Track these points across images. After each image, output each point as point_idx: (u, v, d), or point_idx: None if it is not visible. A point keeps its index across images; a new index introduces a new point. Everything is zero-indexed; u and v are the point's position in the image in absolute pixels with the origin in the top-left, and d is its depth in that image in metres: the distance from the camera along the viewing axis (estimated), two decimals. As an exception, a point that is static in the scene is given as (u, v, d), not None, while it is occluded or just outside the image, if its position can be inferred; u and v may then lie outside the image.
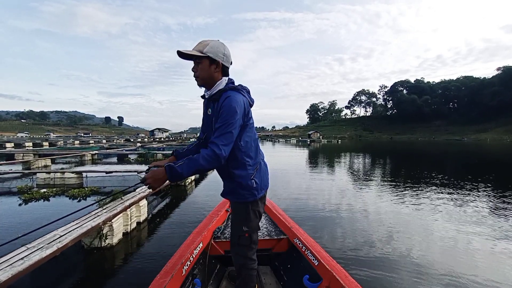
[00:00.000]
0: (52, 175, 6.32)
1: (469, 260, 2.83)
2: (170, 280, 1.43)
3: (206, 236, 2.05)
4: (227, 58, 1.30)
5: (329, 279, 1.51)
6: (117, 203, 3.32)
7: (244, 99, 1.30)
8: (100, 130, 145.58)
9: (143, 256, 2.87)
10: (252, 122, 1.37)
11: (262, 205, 1.46)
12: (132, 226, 3.43)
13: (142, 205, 3.70)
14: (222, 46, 1.28)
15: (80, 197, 5.31)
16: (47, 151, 14.24)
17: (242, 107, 1.24)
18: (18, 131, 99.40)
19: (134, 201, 3.49)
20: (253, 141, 1.38)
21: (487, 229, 3.74)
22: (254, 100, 1.40)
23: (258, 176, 1.40)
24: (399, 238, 3.38)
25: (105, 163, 12.52)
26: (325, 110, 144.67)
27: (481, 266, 2.71)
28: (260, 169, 1.42)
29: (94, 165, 11.74)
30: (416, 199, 5.49)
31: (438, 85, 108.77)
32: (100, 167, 10.50)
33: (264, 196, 1.48)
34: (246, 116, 1.30)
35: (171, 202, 5.25)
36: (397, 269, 2.60)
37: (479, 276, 2.51)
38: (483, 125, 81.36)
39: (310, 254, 1.77)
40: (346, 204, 5.08)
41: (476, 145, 39.20)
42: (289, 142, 50.47)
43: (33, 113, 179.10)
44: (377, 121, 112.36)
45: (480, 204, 5.13)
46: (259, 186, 1.39)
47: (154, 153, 13.36)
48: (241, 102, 1.24)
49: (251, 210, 1.40)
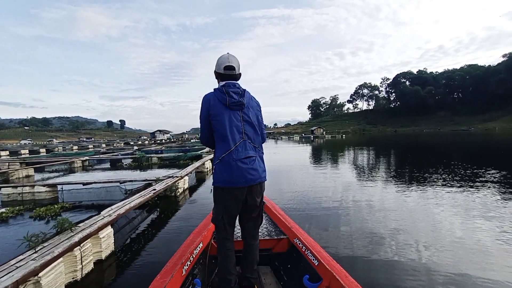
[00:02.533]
0: (19, 190, 5.43)
1: (477, 260, 2.64)
2: (170, 280, 1.43)
3: (206, 236, 2.06)
4: (218, 66, 1.58)
5: (329, 279, 1.51)
6: (62, 238, 2.34)
7: (207, 97, 1.56)
8: (102, 134, 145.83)
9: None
10: (217, 117, 1.50)
11: (229, 197, 1.50)
12: (84, 270, 2.43)
13: (104, 235, 2.72)
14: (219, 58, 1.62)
15: (48, 216, 4.42)
16: (36, 159, 13.43)
17: (203, 104, 1.55)
18: (21, 138, 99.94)
19: (90, 232, 2.48)
20: (218, 135, 1.51)
21: (498, 226, 3.46)
22: (232, 94, 1.52)
23: (218, 167, 1.50)
24: (403, 238, 3.22)
25: (97, 169, 11.70)
26: (327, 105, 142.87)
27: (490, 267, 2.50)
28: (223, 162, 1.48)
29: (85, 172, 10.92)
30: (426, 197, 5.13)
31: (442, 75, 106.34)
32: (87, 175, 9.66)
33: (234, 192, 1.49)
34: (209, 111, 1.52)
35: (158, 218, 4.35)
36: (399, 270, 2.51)
37: (487, 276, 2.33)
38: (490, 114, 79.33)
39: (310, 254, 1.77)
40: (357, 200, 4.89)
41: (485, 134, 37.99)
42: (292, 139, 49.55)
43: (36, 120, 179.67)
44: (380, 114, 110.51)
45: (494, 200, 4.68)
46: (219, 176, 1.49)
47: (149, 157, 12.47)
48: (203, 101, 1.56)
49: (214, 193, 1.57)
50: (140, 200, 3.67)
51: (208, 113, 1.51)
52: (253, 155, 1.51)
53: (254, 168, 1.49)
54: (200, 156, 12.23)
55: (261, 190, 1.59)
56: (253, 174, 1.49)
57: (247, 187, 1.49)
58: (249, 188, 1.50)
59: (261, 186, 1.57)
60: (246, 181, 1.47)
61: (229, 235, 1.60)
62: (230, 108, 1.50)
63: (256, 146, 1.57)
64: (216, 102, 1.50)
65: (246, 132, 1.53)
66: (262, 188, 1.59)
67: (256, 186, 1.52)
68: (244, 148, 1.50)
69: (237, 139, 1.49)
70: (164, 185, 4.78)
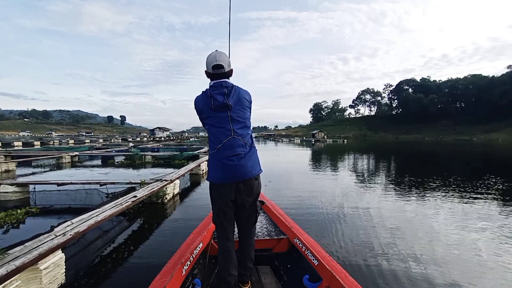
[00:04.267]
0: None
1: (473, 267, 2.66)
2: (170, 280, 1.43)
3: (206, 236, 2.05)
4: (207, 65, 1.57)
5: (329, 279, 1.51)
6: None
7: (196, 100, 1.62)
8: (102, 129, 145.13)
9: None
10: (207, 119, 1.57)
11: (219, 194, 1.54)
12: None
13: (47, 266, 1.98)
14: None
15: (8, 224, 3.72)
16: (24, 152, 12.71)
17: (195, 107, 1.63)
18: (20, 130, 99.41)
19: (22, 263, 1.73)
20: (209, 134, 1.58)
21: (495, 235, 3.48)
22: (216, 96, 1.52)
23: (210, 163, 1.57)
24: (401, 240, 3.30)
25: (87, 166, 11.00)
26: (328, 109, 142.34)
27: (486, 272, 2.53)
28: (213, 159, 1.54)
29: (74, 168, 10.23)
30: (424, 202, 5.27)
31: (445, 84, 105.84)
32: (71, 172, 8.92)
33: (223, 189, 1.52)
34: (200, 113, 1.61)
35: (139, 231, 3.65)
36: (398, 270, 2.53)
37: (483, 281, 2.37)
38: (492, 124, 78.62)
39: (310, 254, 1.77)
40: (358, 205, 4.94)
41: (488, 145, 37.33)
42: (292, 141, 48.87)
43: (36, 112, 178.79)
44: (382, 121, 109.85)
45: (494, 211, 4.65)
46: (210, 172, 1.57)
47: (142, 155, 11.75)
48: (194, 103, 1.63)
49: (210, 190, 1.59)
50: (112, 211, 2.97)
51: (200, 115, 1.61)
52: (241, 153, 1.51)
53: (241, 164, 1.50)
54: (197, 156, 11.53)
55: (251, 188, 1.55)
56: (240, 171, 1.49)
57: (234, 184, 1.51)
58: (237, 185, 1.51)
59: (250, 184, 1.54)
60: (232, 178, 1.50)
61: (229, 235, 1.61)
62: (216, 110, 1.52)
63: (246, 142, 1.55)
64: (204, 105, 1.56)
65: (234, 130, 1.53)
66: (253, 186, 1.56)
67: (243, 183, 1.52)
68: (231, 146, 1.51)
69: (224, 138, 1.51)
70: (148, 191, 4.09)
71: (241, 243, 1.69)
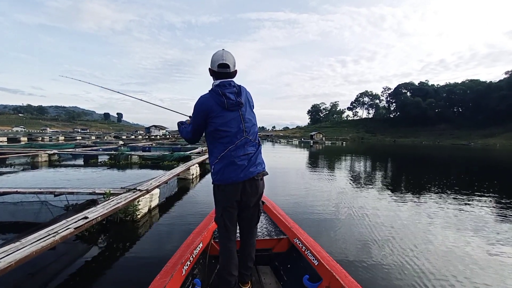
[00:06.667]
0: None
1: (467, 267, 2.72)
2: (170, 280, 1.41)
3: (206, 236, 2.04)
4: (212, 63, 1.55)
5: (329, 279, 1.50)
6: None
7: (204, 99, 1.54)
8: (98, 126, 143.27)
9: None
10: (218, 119, 1.49)
11: (226, 195, 1.52)
12: None
13: None
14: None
15: None
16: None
17: (200, 107, 1.54)
18: (14, 125, 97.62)
19: None
20: (217, 135, 1.52)
21: (489, 240, 3.50)
22: (229, 95, 1.51)
23: (218, 165, 1.51)
24: (398, 241, 3.29)
25: (66, 165, 10.05)
26: (326, 111, 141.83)
27: (481, 273, 2.61)
28: (223, 161, 1.50)
29: (51, 168, 9.27)
30: (420, 205, 5.35)
31: (443, 88, 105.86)
32: (34, 174, 7.94)
33: (231, 189, 1.50)
34: (207, 113, 1.52)
35: (93, 262, 2.76)
36: (397, 270, 2.54)
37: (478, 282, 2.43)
38: (490, 130, 78.63)
39: (310, 254, 1.76)
40: (354, 206, 5.02)
41: (486, 150, 37.01)
42: (291, 142, 48.11)
43: (31, 108, 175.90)
44: (379, 123, 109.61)
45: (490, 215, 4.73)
46: (218, 174, 1.51)
47: (128, 155, 10.80)
48: (198, 103, 1.55)
49: (214, 192, 1.59)
50: (40, 244, 2.06)
51: (206, 115, 1.52)
52: (251, 152, 1.53)
53: (251, 163, 1.51)
54: (189, 158, 10.64)
55: (257, 188, 1.56)
56: (250, 170, 1.50)
57: (240, 184, 1.49)
58: (243, 185, 1.50)
59: (256, 183, 1.54)
60: (242, 177, 1.49)
61: (231, 235, 1.60)
62: (229, 110, 1.51)
63: (255, 141, 1.57)
64: (214, 104, 1.51)
65: (246, 130, 1.53)
66: (258, 186, 1.56)
67: (249, 183, 1.51)
68: (243, 146, 1.51)
69: (238, 138, 1.51)
70: (110, 207, 3.17)
71: (242, 243, 1.70)
